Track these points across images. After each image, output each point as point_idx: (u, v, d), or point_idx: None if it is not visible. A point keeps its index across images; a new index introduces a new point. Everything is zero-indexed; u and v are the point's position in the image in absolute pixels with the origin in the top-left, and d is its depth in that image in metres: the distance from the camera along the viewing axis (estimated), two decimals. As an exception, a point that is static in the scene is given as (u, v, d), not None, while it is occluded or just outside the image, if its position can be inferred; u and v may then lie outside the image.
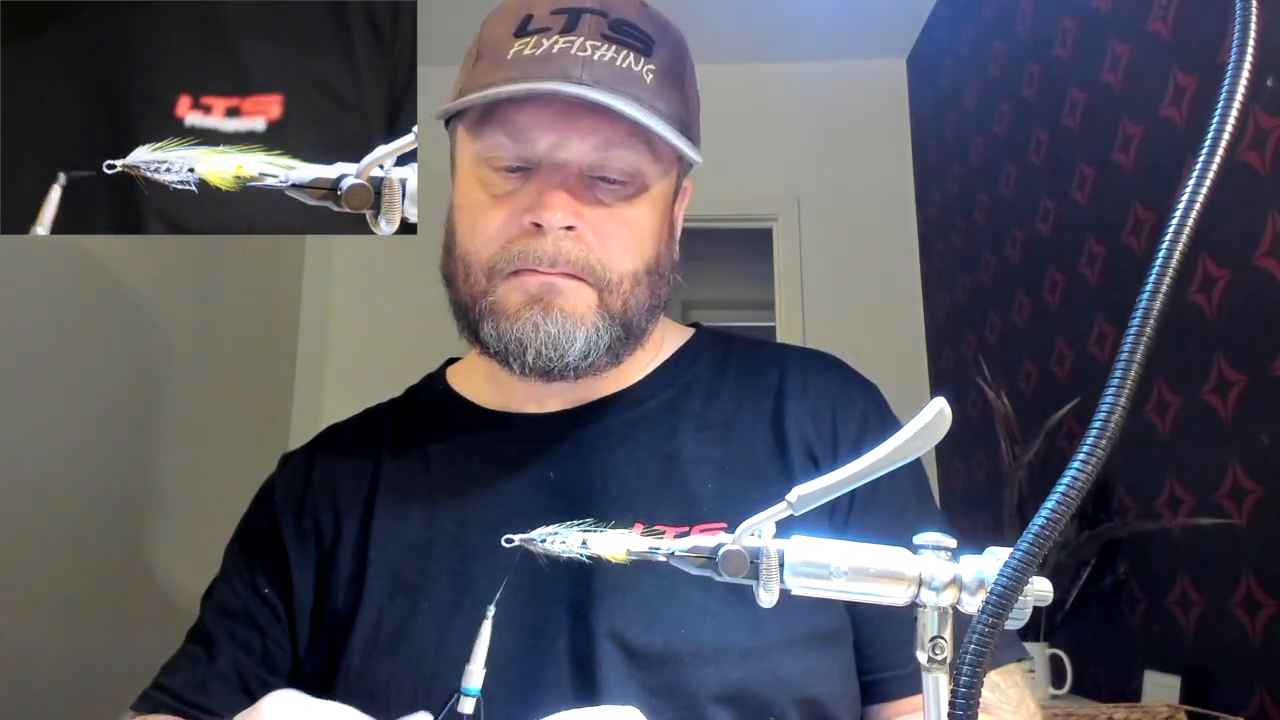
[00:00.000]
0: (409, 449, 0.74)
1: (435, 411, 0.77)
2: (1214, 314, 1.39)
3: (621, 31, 0.65)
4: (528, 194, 0.65)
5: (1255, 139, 1.28)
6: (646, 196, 0.67)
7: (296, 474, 0.76)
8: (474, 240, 0.66)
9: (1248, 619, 1.31)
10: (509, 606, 0.62)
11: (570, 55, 0.63)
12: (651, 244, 0.68)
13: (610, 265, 0.65)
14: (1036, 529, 0.33)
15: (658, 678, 0.62)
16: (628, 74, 0.64)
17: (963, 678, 0.32)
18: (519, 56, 0.64)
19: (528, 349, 0.64)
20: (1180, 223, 0.33)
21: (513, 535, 0.45)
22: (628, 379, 0.74)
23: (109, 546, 1.78)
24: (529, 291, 0.64)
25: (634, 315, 0.67)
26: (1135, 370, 0.32)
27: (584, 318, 0.65)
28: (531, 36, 0.64)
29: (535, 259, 0.63)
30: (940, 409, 0.37)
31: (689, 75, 0.71)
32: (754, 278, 3.28)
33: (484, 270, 0.66)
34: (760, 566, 0.41)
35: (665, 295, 0.71)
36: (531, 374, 0.66)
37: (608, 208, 0.66)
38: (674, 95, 0.67)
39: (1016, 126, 2.21)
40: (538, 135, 0.64)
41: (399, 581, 0.67)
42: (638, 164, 0.66)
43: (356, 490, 0.73)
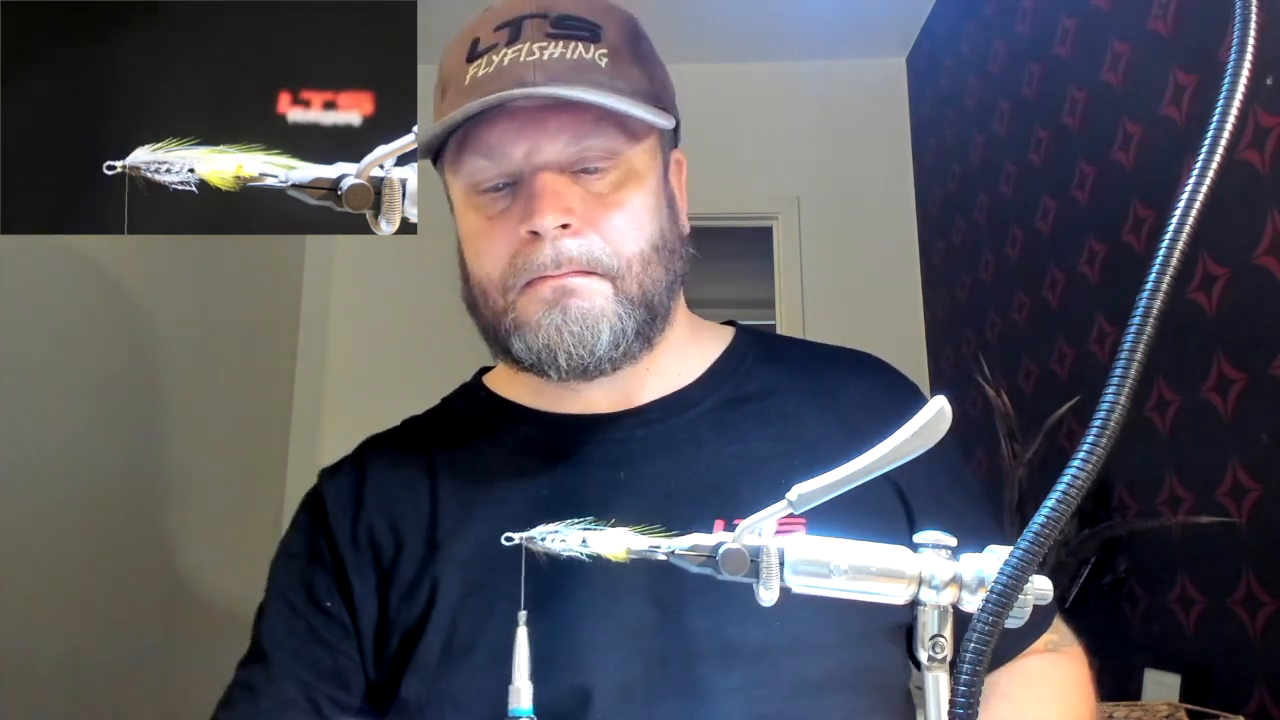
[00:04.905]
0: (463, 455, 0.74)
1: (485, 417, 0.76)
2: (1214, 312, 1.39)
3: (565, 26, 0.66)
4: (517, 207, 0.66)
5: (1255, 138, 1.28)
6: (632, 176, 0.68)
7: (345, 489, 0.74)
8: (483, 264, 0.68)
9: (1248, 617, 1.31)
10: (592, 602, 0.64)
11: (520, 63, 0.64)
12: (651, 220, 0.69)
13: (616, 251, 0.66)
14: (1037, 527, 0.33)
15: (758, 670, 0.63)
16: (580, 64, 0.65)
17: (963, 676, 0.33)
18: (474, 80, 0.65)
19: (557, 353, 0.65)
20: (1180, 221, 0.33)
21: (513, 535, 0.45)
22: (680, 380, 0.74)
23: (108, 546, 1.78)
24: (545, 298, 0.65)
25: (653, 295, 0.68)
26: (1135, 368, 0.32)
27: (603, 309, 0.65)
28: (482, 58, 0.66)
29: (541, 265, 0.64)
30: (940, 407, 0.37)
31: (646, 48, 0.71)
32: (754, 276, 3.28)
33: (499, 289, 0.67)
34: (760, 565, 0.41)
35: (680, 269, 0.72)
36: (569, 376, 0.67)
37: (597, 196, 0.66)
38: (633, 71, 0.68)
39: (1016, 125, 2.21)
40: (510, 148, 0.65)
41: (471, 584, 0.66)
42: (614, 147, 0.66)
43: (414, 500, 0.72)
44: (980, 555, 0.40)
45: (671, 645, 0.63)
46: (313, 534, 0.72)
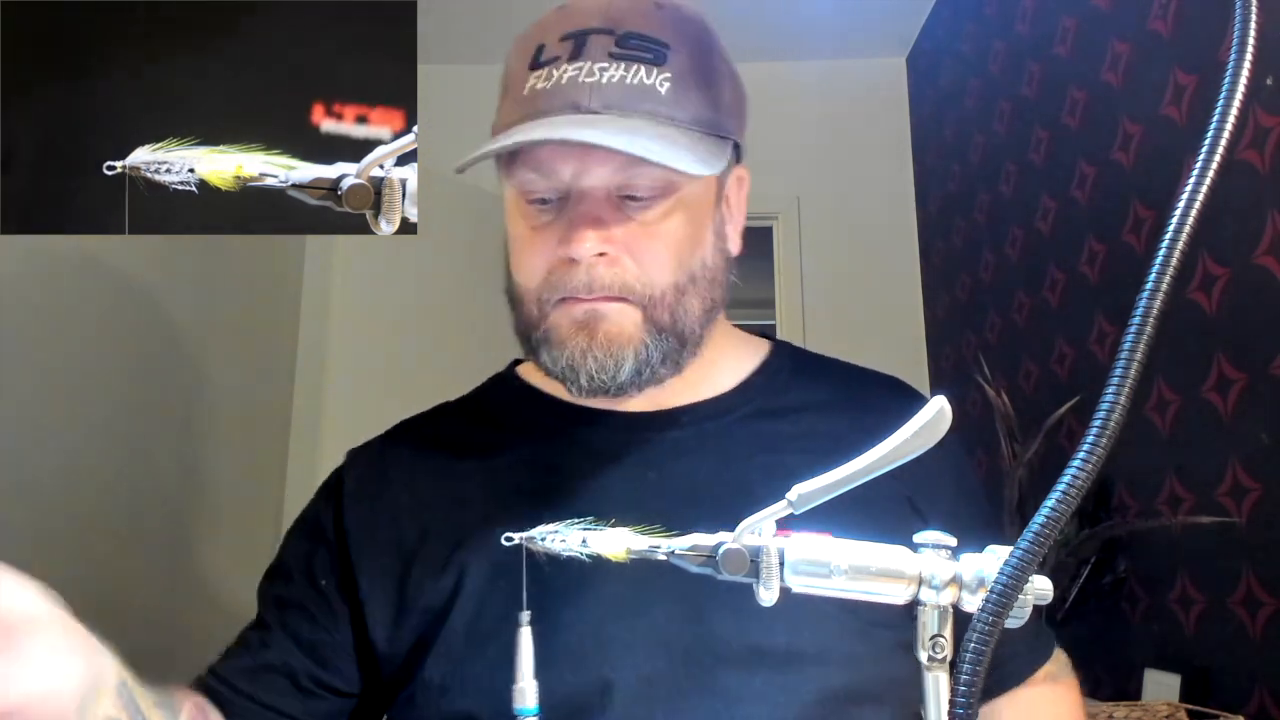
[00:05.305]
0: (494, 443, 0.74)
1: (519, 406, 0.77)
2: (1214, 312, 1.39)
3: (630, 46, 0.66)
4: (559, 226, 0.66)
5: (1255, 138, 1.28)
6: (680, 206, 0.67)
7: (370, 471, 0.75)
8: (521, 272, 0.69)
9: (1248, 617, 1.31)
10: (618, 597, 0.64)
11: (578, 83, 0.64)
12: (692, 251, 0.68)
13: (650, 281, 0.66)
14: (1037, 527, 0.33)
15: (783, 676, 0.63)
16: (639, 90, 0.64)
17: (963, 676, 0.33)
18: (532, 91, 0.66)
19: (579, 374, 0.66)
20: (1180, 221, 0.33)
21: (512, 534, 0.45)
22: (714, 389, 0.75)
23: (107, 546, 1.78)
24: (575, 319, 0.66)
25: (685, 325, 0.68)
26: (1135, 368, 0.32)
27: (630, 337, 0.66)
28: (543, 68, 0.66)
29: (574, 289, 0.65)
30: (940, 408, 0.38)
31: (717, 66, 0.70)
32: (754, 277, 3.27)
33: (534, 300, 0.68)
34: (760, 565, 0.41)
35: (720, 297, 0.72)
36: (590, 395, 0.68)
37: (639, 224, 0.66)
38: (697, 96, 0.66)
39: (1016, 125, 2.21)
40: (559, 166, 0.65)
41: (499, 569, 0.66)
42: (664, 175, 0.65)
43: (441, 484, 0.72)
44: (980, 555, 0.40)
45: (697, 645, 0.63)
46: (324, 512, 0.74)
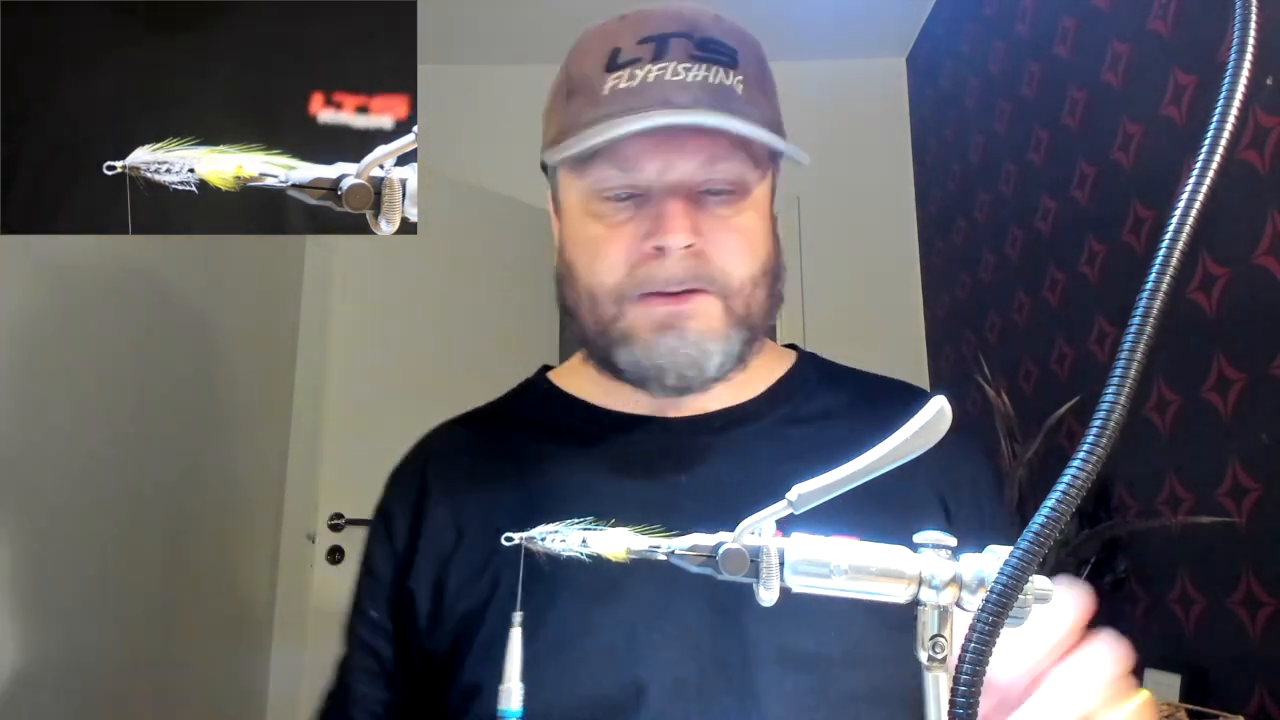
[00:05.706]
0: (529, 448, 0.75)
1: (553, 412, 0.78)
2: (1214, 312, 1.39)
3: (708, 49, 0.68)
4: (644, 219, 0.67)
5: (1255, 138, 1.28)
6: (750, 202, 0.70)
7: (408, 486, 0.77)
8: (596, 271, 0.69)
9: (1248, 617, 1.31)
10: (651, 600, 0.65)
11: (666, 81, 0.66)
12: (763, 245, 0.71)
13: (731, 273, 0.68)
14: (1037, 527, 0.33)
15: (811, 678, 0.63)
16: (722, 89, 0.67)
17: (963, 677, 0.32)
18: (615, 91, 0.66)
19: (667, 373, 0.68)
20: (1180, 221, 0.33)
21: (513, 534, 0.45)
22: (742, 395, 0.76)
23: (107, 547, 1.78)
24: (656, 319, 0.67)
25: (756, 317, 0.70)
26: (1135, 368, 0.32)
27: (716, 331, 0.68)
28: (624, 69, 0.67)
29: (663, 281, 0.67)
30: (940, 407, 0.37)
31: (771, 77, 0.73)
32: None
33: (612, 297, 0.69)
34: (760, 565, 0.41)
35: (780, 292, 0.74)
36: (671, 393, 0.69)
37: (720, 219, 0.68)
38: (764, 100, 0.70)
39: (1016, 125, 2.21)
40: (645, 162, 0.66)
41: (534, 574, 0.67)
42: (741, 172, 0.68)
43: (477, 489, 0.73)
44: (980, 555, 0.40)
45: (728, 648, 0.64)
46: (374, 546, 0.76)
